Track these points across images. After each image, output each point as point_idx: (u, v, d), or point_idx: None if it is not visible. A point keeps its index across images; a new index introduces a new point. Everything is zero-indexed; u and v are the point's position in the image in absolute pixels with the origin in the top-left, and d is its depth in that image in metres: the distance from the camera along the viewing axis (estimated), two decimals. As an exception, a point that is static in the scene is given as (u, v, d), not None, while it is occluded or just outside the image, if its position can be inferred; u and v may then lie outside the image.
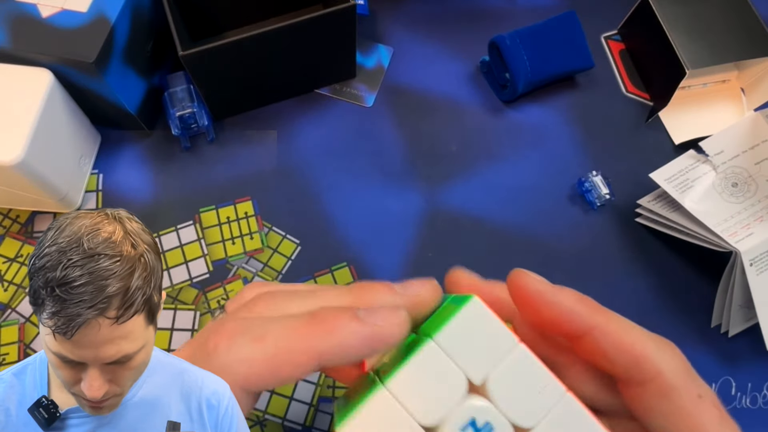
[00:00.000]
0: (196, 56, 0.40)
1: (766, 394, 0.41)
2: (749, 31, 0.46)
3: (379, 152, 0.47)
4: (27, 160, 0.37)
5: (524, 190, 0.46)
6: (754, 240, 0.38)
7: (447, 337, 0.21)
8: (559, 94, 0.49)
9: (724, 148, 0.43)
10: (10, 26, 0.39)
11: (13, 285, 0.42)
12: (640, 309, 0.43)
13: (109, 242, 0.18)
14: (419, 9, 0.52)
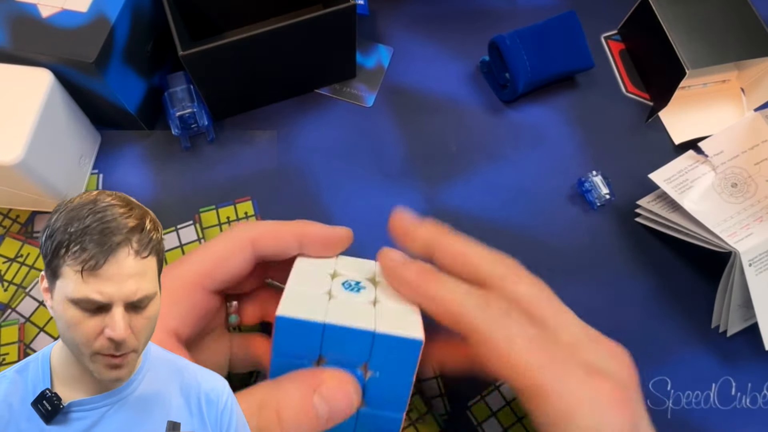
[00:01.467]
0: (196, 56, 0.40)
1: (766, 394, 0.41)
2: (749, 31, 0.46)
3: (379, 152, 0.47)
4: (27, 160, 0.37)
5: (524, 190, 0.46)
6: (753, 240, 0.38)
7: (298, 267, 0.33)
8: (559, 94, 0.49)
9: (723, 148, 0.43)
10: (10, 26, 0.39)
11: (13, 285, 0.42)
12: (640, 309, 0.43)
13: (116, 197, 0.20)
14: (419, 9, 0.52)
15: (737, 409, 0.40)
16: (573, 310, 0.32)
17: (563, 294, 0.32)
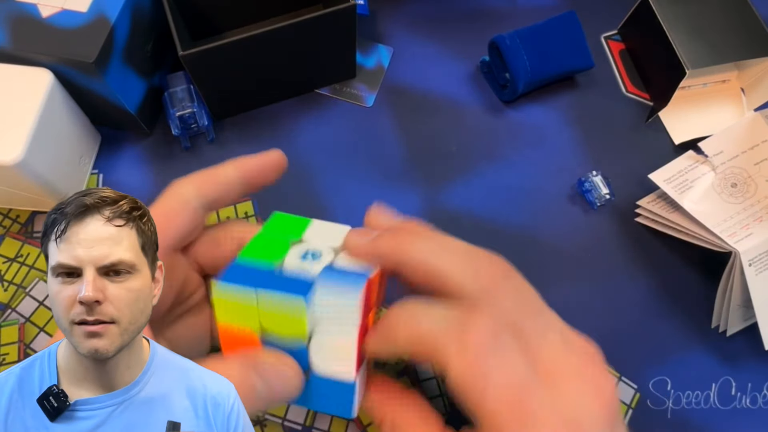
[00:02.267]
0: (196, 56, 0.40)
1: (766, 394, 0.41)
2: (749, 31, 0.46)
3: (379, 152, 0.47)
4: (27, 160, 0.37)
5: (524, 190, 0.46)
6: (753, 240, 0.38)
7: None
8: (559, 94, 0.49)
9: (723, 148, 0.43)
10: (10, 26, 0.39)
11: (13, 285, 0.42)
12: (640, 309, 0.43)
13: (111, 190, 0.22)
14: (419, 9, 0.52)
15: (737, 409, 0.40)
16: (573, 310, 0.32)
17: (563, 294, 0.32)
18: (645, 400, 0.40)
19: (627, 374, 0.41)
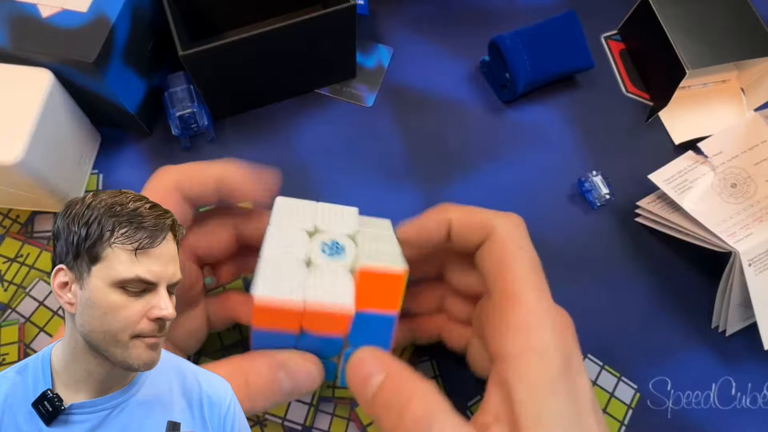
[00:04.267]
0: (196, 56, 0.40)
1: (766, 394, 0.41)
2: (749, 31, 0.46)
3: (379, 152, 0.47)
4: (27, 160, 0.37)
5: (524, 190, 0.46)
6: (752, 240, 0.38)
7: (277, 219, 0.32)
8: (559, 94, 0.49)
9: (722, 148, 0.43)
10: (10, 26, 0.39)
11: (13, 285, 0.42)
12: (640, 309, 0.43)
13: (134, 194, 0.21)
14: (419, 9, 0.52)
15: (737, 409, 0.40)
16: (573, 310, 0.32)
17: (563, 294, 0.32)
18: (645, 400, 0.40)
19: (627, 374, 0.41)
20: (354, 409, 0.39)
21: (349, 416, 0.39)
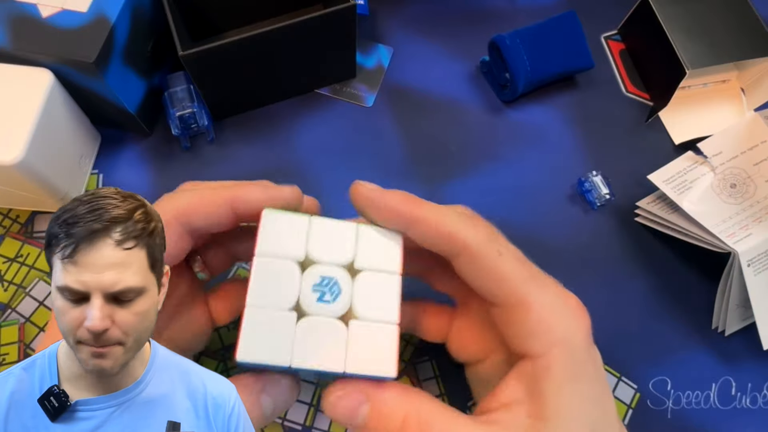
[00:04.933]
0: (196, 56, 0.40)
1: (766, 394, 0.41)
2: (749, 31, 0.46)
3: (379, 152, 0.47)
4: (27, 160, 0.37)
5: (524, 190, 0.46)
6: (752, 241, 0.38)
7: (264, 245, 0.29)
8: (559, 94, 0.49)
9: (722, 149, 0.43)
10: (10, 26, 0.39)
11: (13, 285, 0.42)
12: (640, 309, 0.43)
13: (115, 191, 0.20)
14: (419, 9, 0.52)
15: (737, 409, 0.40)
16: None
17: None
18: (645, 400, 0.40)
19: (627, 374, 0.41)
20: (354, 409, 0.39)
21: (349, 416, 0.39)
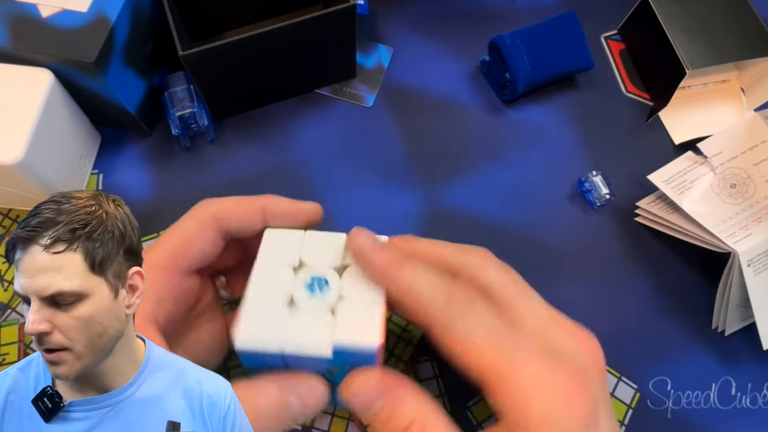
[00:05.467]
0: (196, 56, 0.40)
1: (766, 394, 0.41)
2: (749, 31, 0.46)
3: (379, 152, 0.47)
4: (27, 159, 0.37)
5: (524, 190, 0.46)
6: (752, 241, 0.38)
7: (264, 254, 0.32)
8: (559, 94, 0.49)
9: (722, 149, 0.43)
10: (10, 26, 0.39)
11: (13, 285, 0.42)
12: (640, 309, 0.43)
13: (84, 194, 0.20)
14: (419, 9, 0.52)
15: (737, 409, 0.40)
16: (573, 310, 0.32)
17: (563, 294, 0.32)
18: (645, 400, 0.40)
19: (627, 374, 0.41)
20: (354, 409, 0.39)
21: (349, 416, 0.39)
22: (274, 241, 0.33)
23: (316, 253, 0.32)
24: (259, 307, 0.31)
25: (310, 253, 0.32)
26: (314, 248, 0.33)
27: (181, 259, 0.32)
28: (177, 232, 0.33)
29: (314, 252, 0.32)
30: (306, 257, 0.32)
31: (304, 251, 0.32)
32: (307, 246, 0.33)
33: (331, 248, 0.33)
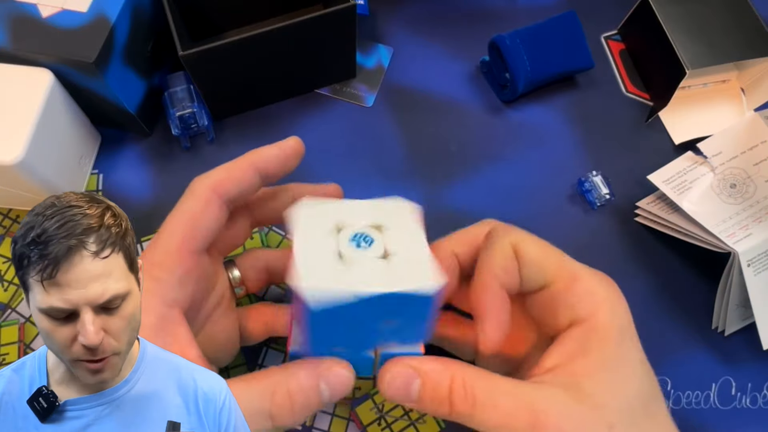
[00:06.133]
0: (196, 56, 0.40)
1: (766, 394, 0.41)
2: (749, 31, 0.46)
3: (379, 152, 0.47)
4: (27, 159, 0.37)
5: (524, 190, 0.46)
6: (752, 241, 0.38)
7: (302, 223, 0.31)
8: (559, 94, 0.49)
9: (722, 149, 0.43)
10: (10, 26, 0.39)
11: (13, 285, 0.42)
12: (640, 309, 0.42)
13: (77, 197, 0.20)
14: (419, 9, 0.52)
15: (737, 409, 0.40)
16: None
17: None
18: (645, 400, 0.40)
19: (627, 374, 0.41)
20: (354, 410, 0.39)
21: (349, 416, 0.39)
22: (308, 211, 0.32)
23: (352, 216, 0.32)
24: (314, 263, 0.29)
25: (345, 217, 0.32)
26: (349, 212, 0.32)
27: (191, 239, 0.32)
28: (180, 214, 0.33)
29: (350, 215, 0.32)
30: (342, 220, 0.32)
31: (339, 215, 0.32)
32: (341, 211, 0.32)
33: (366, 210, 0.33)
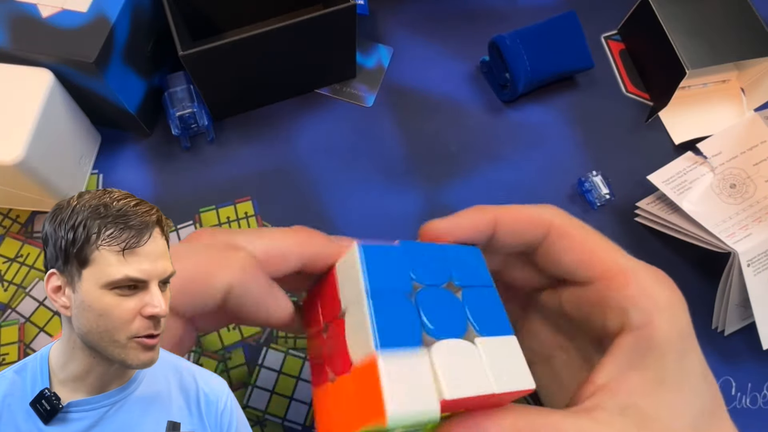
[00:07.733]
0: (196, 56, 0.40)
1: (766, 394, 0.41)
2: (749, 31, 0.46)
3: (379, 152, 0.47)
4: (27, 159, 0.37)
5: (524, 190, 0.46)
6: (752, 241, 0.38)
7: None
8: (559, 94, 0.49)
9: (722, 149, 0.43)
10: (10, 26, 0.39)
11: (13, 285, 0.42)
12: (639, 309, 0.43)
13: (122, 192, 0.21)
14: (419, 9, 0.52)
15: (737, 409, 0.40)
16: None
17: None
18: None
19: (627, 374, 0.41)
20: None
21: None
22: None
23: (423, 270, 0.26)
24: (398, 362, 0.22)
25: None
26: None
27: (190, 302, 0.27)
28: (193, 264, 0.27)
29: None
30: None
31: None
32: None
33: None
